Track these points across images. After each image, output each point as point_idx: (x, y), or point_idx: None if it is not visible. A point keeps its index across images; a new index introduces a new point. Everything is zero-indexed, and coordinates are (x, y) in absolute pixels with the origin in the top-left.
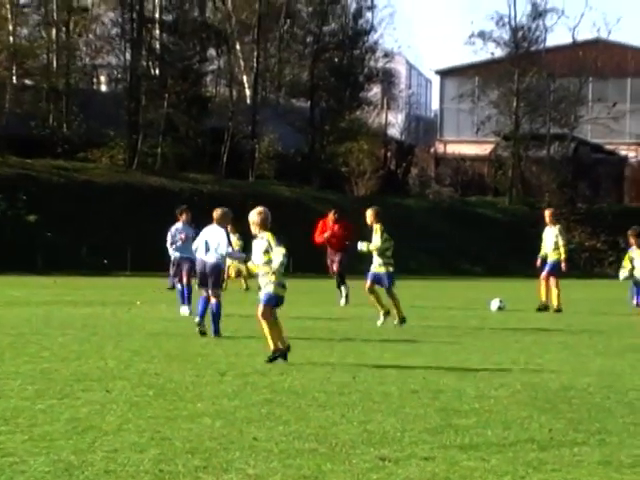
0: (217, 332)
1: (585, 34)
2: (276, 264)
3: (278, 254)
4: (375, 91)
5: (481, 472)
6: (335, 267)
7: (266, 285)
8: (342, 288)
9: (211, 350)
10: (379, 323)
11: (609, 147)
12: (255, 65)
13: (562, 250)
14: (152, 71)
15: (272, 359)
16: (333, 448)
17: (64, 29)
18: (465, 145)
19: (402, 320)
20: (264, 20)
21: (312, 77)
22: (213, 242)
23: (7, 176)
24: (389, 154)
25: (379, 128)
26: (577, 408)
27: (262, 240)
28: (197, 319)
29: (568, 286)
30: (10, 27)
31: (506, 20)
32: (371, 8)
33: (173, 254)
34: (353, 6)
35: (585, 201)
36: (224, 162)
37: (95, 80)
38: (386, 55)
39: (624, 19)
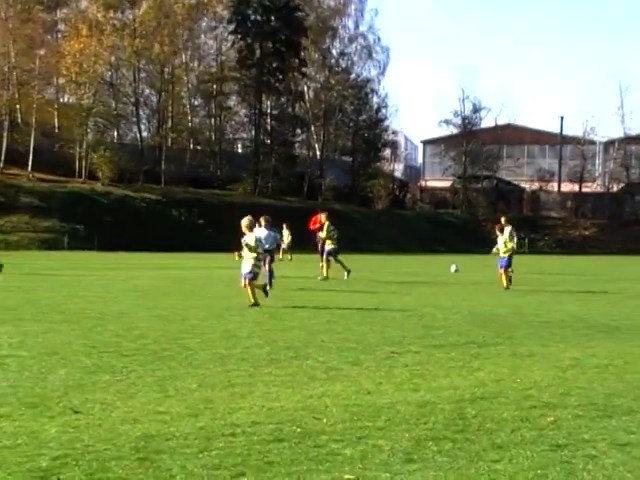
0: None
1: (502, 120)
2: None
3: (249, 240)
4: (387, 152)
5: (446, 360)
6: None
7: (248, 265)
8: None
9: (298, 294)
10: (345, 277)
11: (515, 182)
12: (322, 138)
13: (514, 243)
14: (265, 141)
15: (252, 305)
16: (365, 346)
17: (218, 118)
18: (437, 182)
19: (348, 272)
20: (327, 113)
21: (353, 144)
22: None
23: (187, 198)
24: (395, 186)
25: (389, 172)
26: (498, 324)
27: (247, 236)
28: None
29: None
30: (189, 117)
31: (459, 113)
32: (385, 107)
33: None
34: (375, 105)
35: (502, 212)
36: (305, 191)
37: (235, 146)
38: (393, 132)
39: (524, 112)
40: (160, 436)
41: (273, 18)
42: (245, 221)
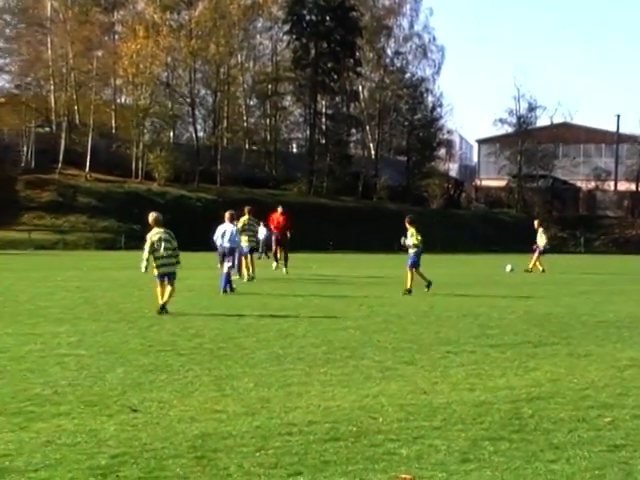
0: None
1: (558, 119)
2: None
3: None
4: (442, 151)
5: (502, 359)
6: (276, 245)
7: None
8: (281, 260)
9: (353, 293)
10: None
11: (571, 182)
12: (377, 137)
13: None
14: (320, 141)
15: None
16: (420, 346)
17: (274, 118)
18: (492, 181)
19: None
20: (382, 113)
21: (408, 144)
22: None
23: (242, 198)
24: (449, 186)
25: (444, 171)
26: (554, 324)
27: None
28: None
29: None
30: (244, 118)
31: (514, 112)
32: (440, 106)
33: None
34: (430, 105)
35: (557, 211)
36: (360, 190)
37: (290, 146)
38: (448, 132)
39: (580, 110)
40: (217, 435)
41: (328, 18)
42: (151, 217)
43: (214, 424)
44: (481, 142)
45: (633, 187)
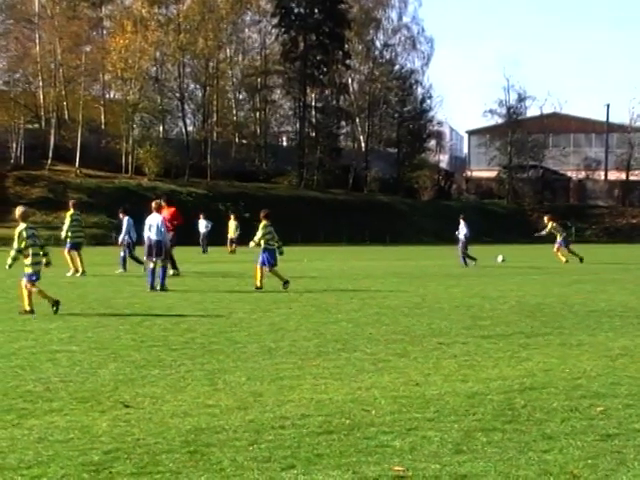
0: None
1: (547, 109)
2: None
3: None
4: (432, 143)
5: (494, 350)
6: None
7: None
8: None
9: (345, 286)
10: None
11: (561, 172)
12: (367, 130)
13: (556, 233)
14: (310, 134)
15: (26, 312)
16: (412, 337)
17: (263, 112)
18: (482, 172)
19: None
20: (372, 105)
21: (398, 136)
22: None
23: (233, 192)
24: (440, 177)
25: (434, 163)
26: (546, 314)
27: (19, 227)
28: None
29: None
30: (234, 111)
31: (504, 103)
32: (430, 97)
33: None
34: (420, 96)
35: (548, 201)
36: (350, 183)
37: (280, 139)
38: (438, 123)
39: (570, 100)
40: (210, 429)
41: (316, 11)
42: (18, 210)
43: (207, 418)
44: (471, 133)
45: (623, 176)
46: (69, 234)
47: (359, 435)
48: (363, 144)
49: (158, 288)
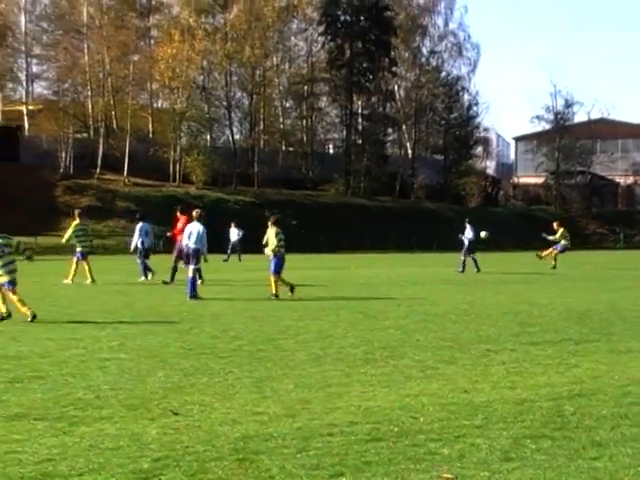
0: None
1: (595, 114)
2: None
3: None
4: (479, 149)
5: (543, 357)
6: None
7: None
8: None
9: (392, 293)
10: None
11: (609, 177)
12: (413, 137)
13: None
14: (357, 141)
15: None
16: (460, 344)
17: (310, 119)
18: (529, 178)
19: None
20: (418, 112)
21: (444, 142)
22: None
23: (280, 200)
24: (487, 184)
25: (481, 170)
26: (594, 321)
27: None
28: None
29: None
30: (281, 119)
31: (551, 109)
32: (476, 104)
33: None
34: (466, 103)
35: (596, 207)
36: (397, 190)
37: (326, 147)
38: (485, 130)
39: (617, 105)
40: (258, 437)
41: (362, 18)
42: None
43: (255, 426)
44: (518, 139)
45: None
46: (77, 243)
47: (407, 442)
48: (410, 151)
49: (188, 296)
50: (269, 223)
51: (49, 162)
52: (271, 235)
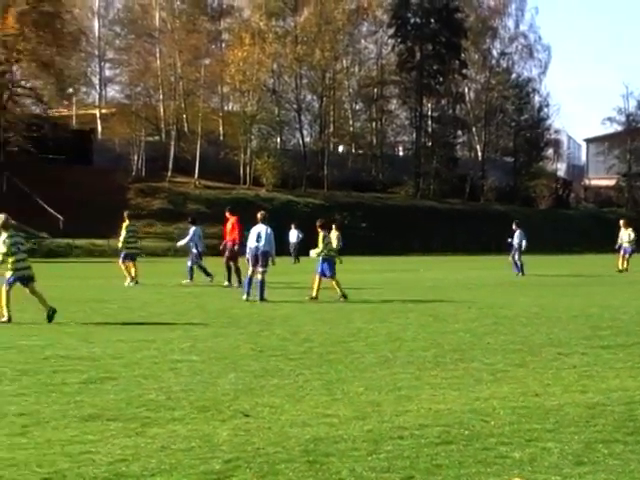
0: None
1: None
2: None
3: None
4: (549, 151)
5: (615, 360)
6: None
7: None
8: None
9: (461, 295)
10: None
11: None
12: (483, 139)
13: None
14: (426, 144)
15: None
16: (531, 347)
17: (379, 122)
18: (601, 180)
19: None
20: (488, 114)
21: (515, 144)
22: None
23: (349, 202)
24: (558, 186)
25: (552, 172)
26: None
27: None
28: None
29: None
30: (350, 122)
31: (623, 110)
32: (547, 106)
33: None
34: (537, 105)
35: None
36: (467, 192)
37: (396, 149)
38: (556, 131)
39: None
40: (329, 439)
41: (433, 20)
42: None
43: (325, 428)
44: (589, 141)
45: None
46: (125, 245)
47: (478, 446)
48: (479, 153)
49: (258, 299)
50: (318, 226)
51: (121, 165)
52: (320, 239)
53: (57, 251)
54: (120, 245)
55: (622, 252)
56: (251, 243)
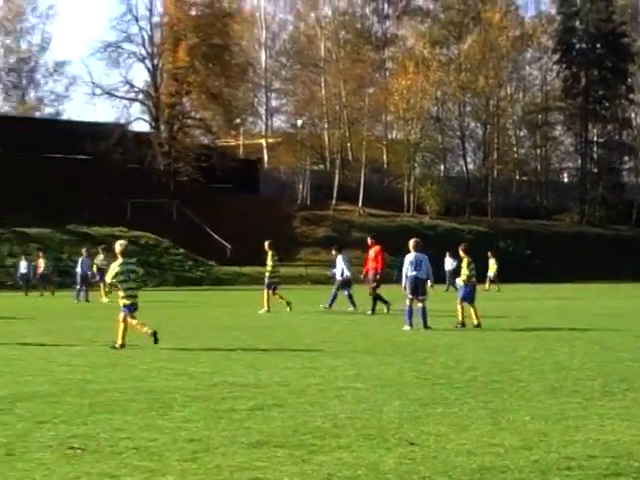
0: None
1: None
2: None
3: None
4: None
5: None
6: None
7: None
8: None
9: (631, 324)
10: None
11: None
12: None
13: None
14: (592, 170)
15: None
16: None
17: (544, 148)
18: None
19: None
20: None
21: None
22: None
23: (513, 229)
24: None
25: None
26: None
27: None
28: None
29: None
30: (514, 149)
31: None
32: None
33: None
34: None
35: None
36: (634, 218)
37: (560, 176)
38: None
39: None
40: (495, 469)
41: (599, 45)
42: (118, 246)
43: (491, 458)
44: None
45: None
46: (267, 274)
47: None
48: None
49: (422, 326)
50: (462, 253)
51: (287, 194)
52: (465, 265)
53: (224, 279)
54: (267, 273)
55: None
56: (409, 272)
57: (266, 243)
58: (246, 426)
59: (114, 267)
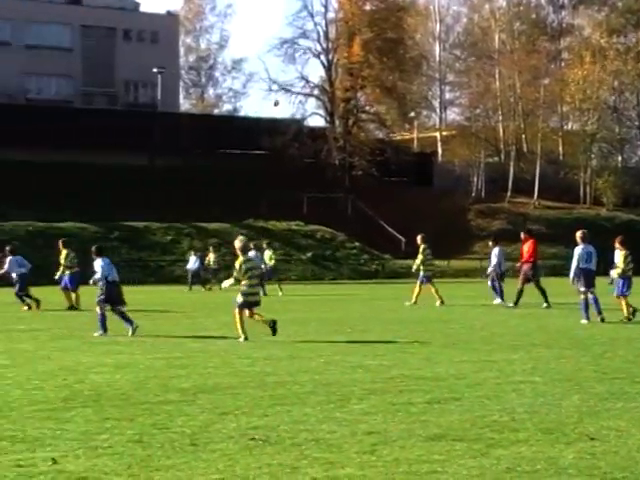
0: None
1: None
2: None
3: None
4: None
5: None
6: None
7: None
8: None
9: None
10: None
11: None
12: None
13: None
14: None
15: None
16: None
17: None
18: None
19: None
20: None
21: None
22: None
23: None
24: None
25: None
26: None
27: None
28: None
29: None
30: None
31: None
32: None
33: None
34: None
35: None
36: None
37: None
38: None
39: None
40: None
41: None
42: (238, 242)
43: None
44: None
45: None
46: (421, 267)
47: None
48: None
49: (598, 319)
50: (618, 241)
51: (461, 187)
52: (620, 257)
53: (399, 272)
54: (414, 268)
55: None
56: (582, 264)
57: (418, 237)
58: (423, 419)
59: (239, 264)
